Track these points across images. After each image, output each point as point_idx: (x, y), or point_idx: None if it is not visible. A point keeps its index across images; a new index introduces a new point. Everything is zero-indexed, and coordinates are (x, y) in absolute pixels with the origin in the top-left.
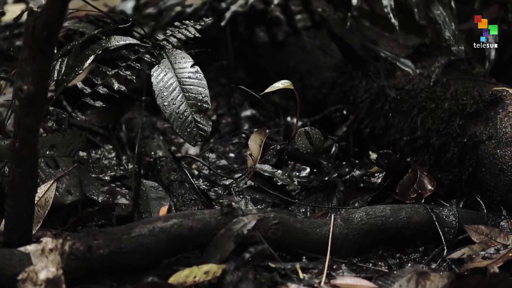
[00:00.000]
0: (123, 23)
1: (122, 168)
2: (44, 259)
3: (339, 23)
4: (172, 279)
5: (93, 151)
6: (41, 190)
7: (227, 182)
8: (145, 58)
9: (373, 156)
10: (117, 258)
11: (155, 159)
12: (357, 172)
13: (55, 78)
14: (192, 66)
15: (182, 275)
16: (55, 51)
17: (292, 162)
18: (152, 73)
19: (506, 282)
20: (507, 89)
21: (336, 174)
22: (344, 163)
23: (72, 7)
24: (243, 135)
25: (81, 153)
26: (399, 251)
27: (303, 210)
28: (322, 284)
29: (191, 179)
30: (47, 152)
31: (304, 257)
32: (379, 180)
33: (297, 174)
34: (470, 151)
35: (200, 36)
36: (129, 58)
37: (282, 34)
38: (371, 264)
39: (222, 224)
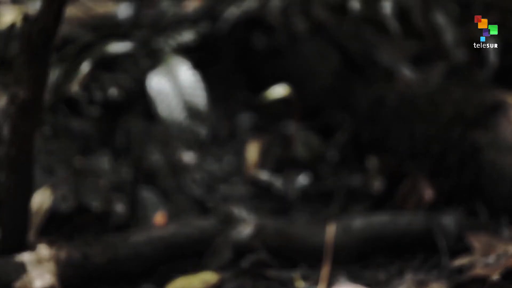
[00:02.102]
0: (120, 28)
1: (118, 174)
2: (39, 267)
3: (337, 29)
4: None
5: (89, 158)
6: (36, 197)
7: (224, 189)
8: (142, 64)
9: (372, 162)
10: (113, 266)
11: (152, 166)
12: (356, 179)
13: (51, 84)
14: (189, 71)
15: (179, 283)
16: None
17: (290, 169)
18: (149, 78)
19: None
20: (507, 95)
21: (335, 181)
22: (342, 169)
23: (69, 12)
24: (241, 141)
25: (77, 160)
26: (398, 259)
27: (301, 217)
28: None
29: (188, 186)
30: (43, 159)
31: (302, 265)
32: (378, 187)
33: (295, 180)
34: (470, 158)
35: (197, 41)
36: (126, 63)
37: (280, 39)
38: (370, 272)
39: (219, 232)
